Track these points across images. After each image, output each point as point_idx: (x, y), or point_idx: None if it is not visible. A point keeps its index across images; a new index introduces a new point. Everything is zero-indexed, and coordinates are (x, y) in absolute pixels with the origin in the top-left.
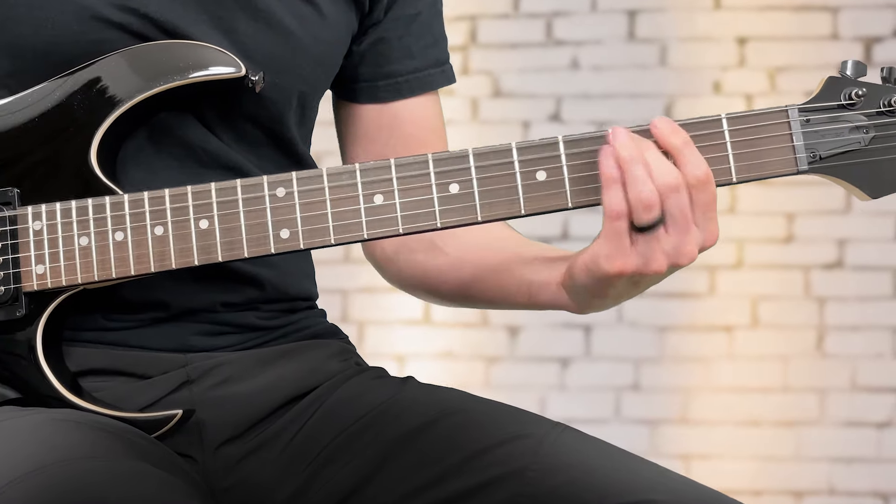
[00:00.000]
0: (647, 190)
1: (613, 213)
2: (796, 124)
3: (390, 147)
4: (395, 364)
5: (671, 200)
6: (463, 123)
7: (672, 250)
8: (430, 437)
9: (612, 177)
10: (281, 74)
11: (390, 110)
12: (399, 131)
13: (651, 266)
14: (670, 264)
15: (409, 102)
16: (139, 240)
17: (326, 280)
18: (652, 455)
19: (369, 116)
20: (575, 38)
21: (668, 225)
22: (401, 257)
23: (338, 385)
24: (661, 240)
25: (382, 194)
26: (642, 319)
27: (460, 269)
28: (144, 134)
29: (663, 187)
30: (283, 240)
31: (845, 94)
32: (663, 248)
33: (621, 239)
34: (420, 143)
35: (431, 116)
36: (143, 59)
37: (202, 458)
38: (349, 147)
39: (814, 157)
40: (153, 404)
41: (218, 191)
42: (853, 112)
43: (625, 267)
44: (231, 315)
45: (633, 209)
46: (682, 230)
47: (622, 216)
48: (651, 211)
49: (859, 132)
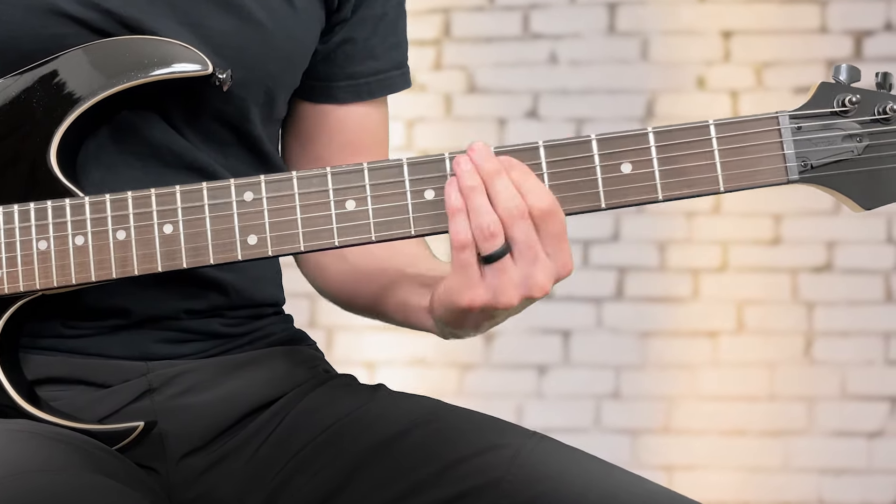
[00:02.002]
0: (488, 219)
1: (458, 244)
2: (787, 132)
3: (333, 150)
4: (366, 371)
5: (515, 230)
6: (436, 120)
7: (521, 281)
8: (402, 448)
9: (455, 207)
10: (250, 70)
11: (343, 112)
12: (342, 135)
13: (501, 299)
14: (522, 296)
15: (363, 106)
16: (100, 244)
17: (293, 284)
18: (633, 466)
19: (320, 116)
20: (553, 31)
21: (514, 255)
22: (311, 262)
23: (305, 394)
24: (510, 271)
25: (355, 200)
26: (623, 325)
27: (360, 281)
28: (106, 133)
29: (505, 216)
30: (251, 246)
31: (838, 101)
32: (512, 279)
33: (469, 270)
34: (366, 148)
35: (378, 124)
36: (105, 56)
37: (164, 470)
38: (290, 144)
39: (805, 167)
40: (113, 414)
41: (183, 194)
42: (846, 119)
43: (474, 300)
44: (194, 322)
45: (477, 239)
46: (529, 261)
47: (467, 246)
48: (493, 240)
49: (852, 140)
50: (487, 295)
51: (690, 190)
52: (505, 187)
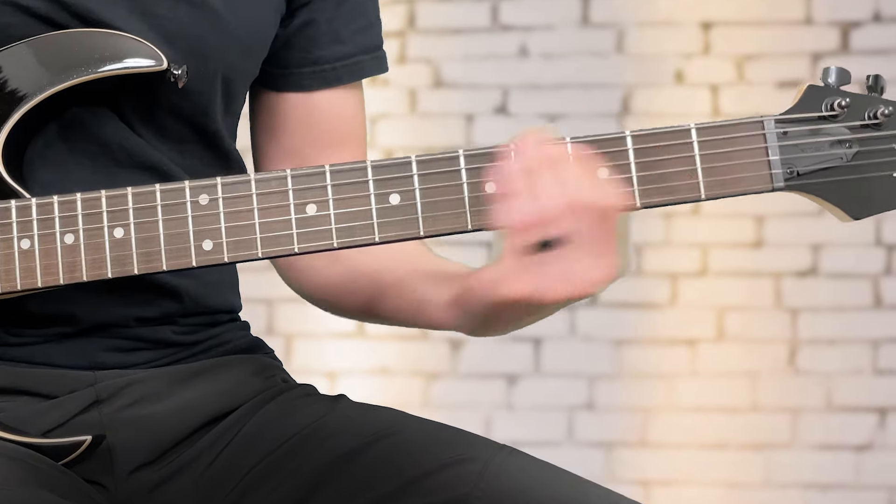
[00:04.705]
0: (546, 206)
1: (511, 230)
2: (772, 137)
3: (308, 141)
4: (326, 381)
5: (572, 222)
6: (400, 117)
7: (569, 278)
8: (365, 462)
9: (511, 190)
10: (206, 61)
11: (310, 100)
12: (317, 125)
13: (547, 293)
14: (568, 293)
15: (331, 93)
16: (47, 248)
17: (250, 289)
18: (608, 481)
19: (288, 106)
20: (523, 22)
21: (567, 249)
22: (300, 263)
23: (262, 404)
24: (559, 264)
25: (316, 204)
26: (597, 332)
27: (356, 282)
28: (55, 130)
29: (563, 206)
30: (206, 252)
31: (827, 105)
32: (561, 274)
33: (519, 260)
34: (342, 139)
35: (353, 110)
36: (53, 50)
37: (113, 486)
38: (261, 139)
39: (791, 174)
40: (59, 426)
41: (135, 196)
42: (835, 124)
43: (521, 292)
44: (145, 329)
45: (531, 226)
46: (580, 257)
47: (520, 233)
48: (548, 229)
49: (841, 147)
50: (532, 288)
51: (670, 197)
52: (568, 176)
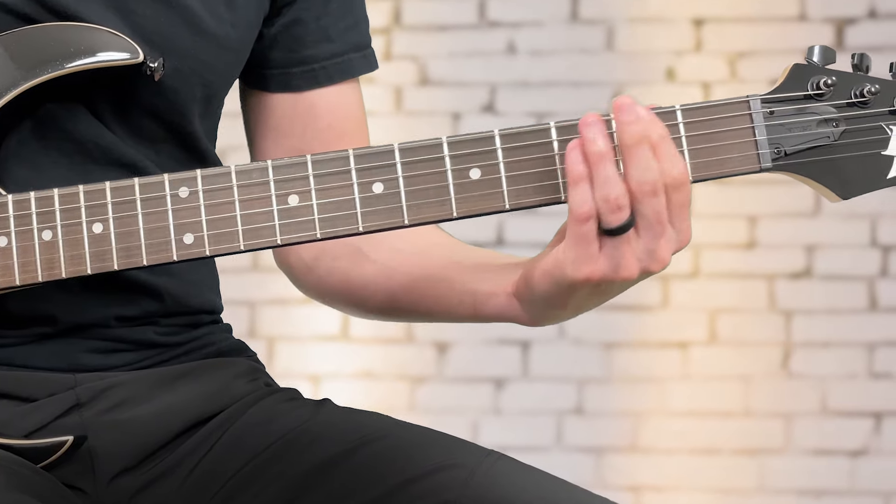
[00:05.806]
0: (616, 191)
1: (580, 215)
2: (759, 116)
3: (306, 141)
4: (310, 385)
5: (645, 204)
6: (385, 115)
7: (644, 255)
8: (349, 468)
9: (579, 174)
10: (183, 60)
11: (306, 100)
12: (315, 123)
13: (621, 272)
14: (642, 270)
15: (326, 91)
16: (25, 245)
17: (232, 290)
18: (598, 487)
19: (282, 107)
20: (511, 19)
21: (640, 227)
22: (321, 265)
23: (245, 408)
24: (633, 243)
25: (298, 195)
26: (587, 335)
27: (390, 279)
28: (29, 127)
29: (636, 188)
30: (187, 245)
31: (813, 84)
32: (635, 251)
33: (589, 242)
34: (339, 136)
35: (351, 106)
36: (25, 44)
37: (93, 491)
38: (259, 141)
39: (778, 154)
40: (39, 430)
41: (113, 191)
42: (821, 103)
43: (593, 273)
44: (126, 330)
45: (601, 211)
46: (656, 234)
47: (590, 218)
48: (620, 213)
49: (828, 125)
50: (607, 268)
51: None
52: (643, 156)
